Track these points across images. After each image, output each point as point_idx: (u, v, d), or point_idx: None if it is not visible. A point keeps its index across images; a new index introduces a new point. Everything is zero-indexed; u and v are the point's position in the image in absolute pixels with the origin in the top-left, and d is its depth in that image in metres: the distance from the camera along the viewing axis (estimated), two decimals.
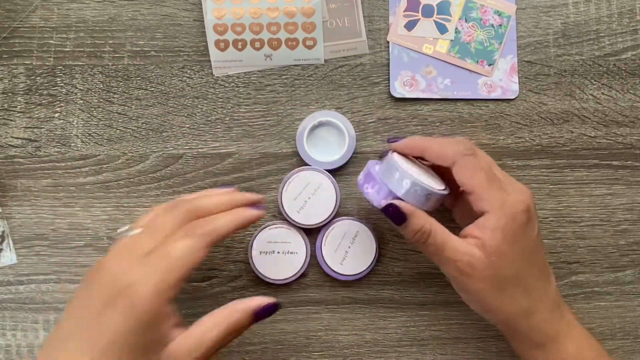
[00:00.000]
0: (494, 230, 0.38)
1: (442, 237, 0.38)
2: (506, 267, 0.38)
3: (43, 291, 0.50)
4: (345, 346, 0.50)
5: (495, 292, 0.39)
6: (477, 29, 0.52)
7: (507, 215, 0.38)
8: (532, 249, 0.40)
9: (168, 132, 0.51)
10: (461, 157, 0.40)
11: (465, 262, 0.38)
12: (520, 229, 0.39)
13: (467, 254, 0.38)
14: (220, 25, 0.51)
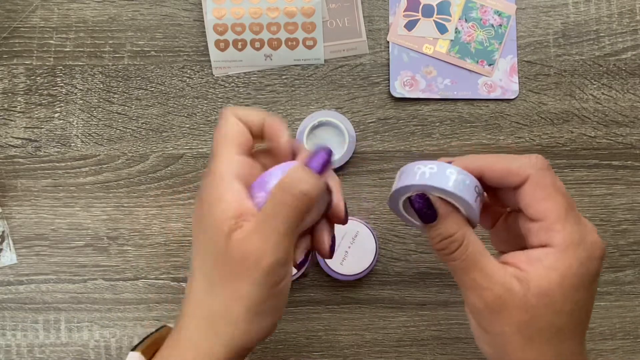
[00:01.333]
0: (549, 269, 0.29)
1: (475, 253, 0.31)
2: (547, 317, 0.30)
3: (43, 291, 0.50)
4: (345, 346, 0.50)
5: (521, 342, 0.30)
6: (477, 29, 0.52)
7: (579, 258, 0.30)
8: (587, 309, 0.31)
9: (168, 132, 0.51)
10: (537, 170, 0.31)
11: (495, 294, 0.30)
12: (588, 279, 0.30)
13: (502, 284, 0.30)
14: (220, 25, 0.51)
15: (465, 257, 0.30)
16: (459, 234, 0.31)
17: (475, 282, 0.30)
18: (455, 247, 0.31)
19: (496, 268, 0.30)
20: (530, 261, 0.30)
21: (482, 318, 0.31)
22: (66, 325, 0.49)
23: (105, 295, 0.49)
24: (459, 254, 0.31)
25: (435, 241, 0.31)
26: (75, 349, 0.49)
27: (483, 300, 0.30)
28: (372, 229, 0.48)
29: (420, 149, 0.51)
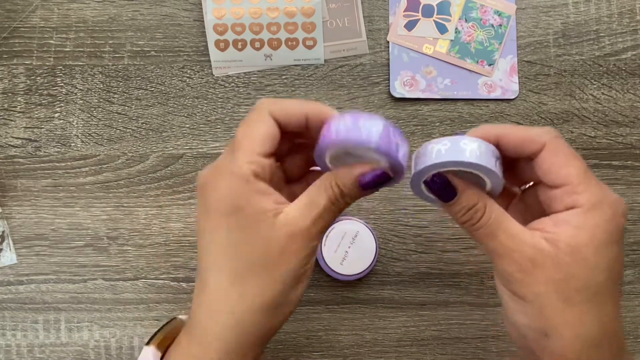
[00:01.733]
0: (578, 229, 0.29)
1: (499, 217, 0.30)
2: (583, 275, 0.29)
3: (43, 291, 0.50)
4: (345, 346, 0.50)
5: (559, 304, 0.29)
6: (477, 29, 0.52)
7: (605, 215, 0.29)
8: (619, 266, 0.31)
9: (168, 132, 0.51)
10: (553, 138, 0.31)
11: (526, 255, 0.29)
12: (616, 235, 0.30)
13: (531, 245, 0.29)
14: (220, 25, 0.51)
15: (490, 222, 0.30)
16: (480, 203, 0.31)
17: (504, 246, 0.30)
18: (480, 216, 0.30)
19: (523, 230, 0.30)
20: (557, 224, 0.30)
21: (515, 283, 0.30)
22: (66, 325, 0.49)
23: (105, 295, 0.49)
24: (484, 221, 0.30)
25: (460, 215, 0.31)
26: (75, 349, 0.49)
27: (514, 263, 0.30)
28: (372, 229, 0.48)
29: None
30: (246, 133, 0.31)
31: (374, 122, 0.30)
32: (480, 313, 0.50)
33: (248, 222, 0.30)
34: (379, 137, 0.29)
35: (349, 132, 0.30)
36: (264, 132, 0.31)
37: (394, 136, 0.30)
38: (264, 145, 0.31)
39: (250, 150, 0.30)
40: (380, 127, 0.30)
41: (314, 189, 0.32)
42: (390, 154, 0.30)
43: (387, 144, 0.30)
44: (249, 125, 0.31)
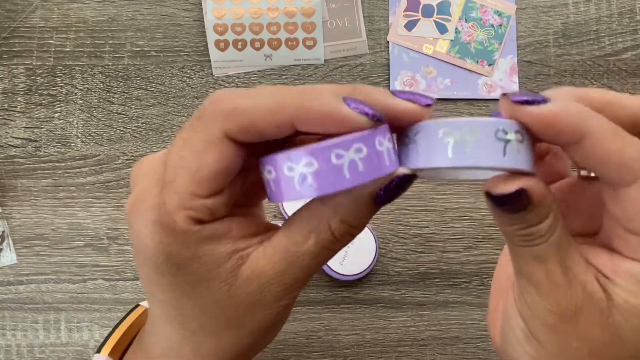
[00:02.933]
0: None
1: (559, 240, 0.22)
2: (632, 346, 0.22)
3: (43, 291, 0.50)
4: (345, 346, 0.50)
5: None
6: (477, 29, 0.52)
7: None
8: None
9: (168, 132, 0.51)
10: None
11: (571, 297, 0.22)
12: None
13: (583, 286, 0.22)
14: (220, 25, 0.51)
15: (550, 242, 0.22)
16: (549, 219, 0.21)
17: (549, 276, 0.22)
18: (540, 235, 0.22)
19: (579, 263, 0.22)
20: (617, 271, 0.22)
21: (541, 323, 0.23)
22: (66, 325, 0.49)
23: (105, 295, 0.49)
24: (541, 241, 0.22)
25: (513, 229, 0.22)
26: (75, 349, 0.49)
27: (553, 302, 0.22)
28: (372, 228, 0.48)
29: None
30: (183, 163, 0.20)
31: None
32: (480, 313, 0.50)
33: (194, 281, 0.22)
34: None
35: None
36: (210, 168, 0.20)
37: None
38: (211, 185, 0.21)
39: (186, 193, 0.20)
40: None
41: (297, 230, 0.22)
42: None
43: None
44: (189, 149, 0.20)
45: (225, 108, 0.20)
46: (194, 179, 0.20)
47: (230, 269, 0.22)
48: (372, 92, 0.21)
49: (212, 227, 0.21)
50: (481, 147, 0.19)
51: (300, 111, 0.20)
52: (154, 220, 0.21)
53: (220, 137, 0.20)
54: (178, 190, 0.20)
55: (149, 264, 0.22)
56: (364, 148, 0.19)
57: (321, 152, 0.19)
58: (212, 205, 0.21)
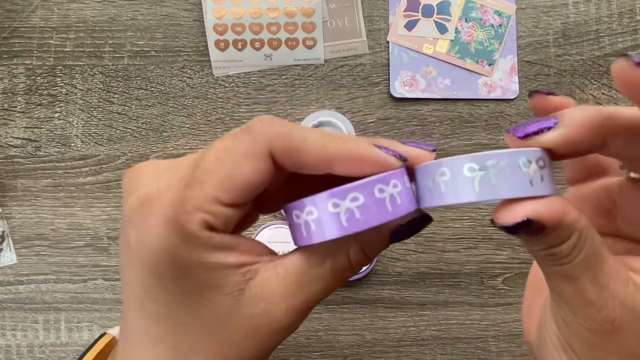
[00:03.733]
0: None
1: (591, 255, 0.20)
2: None
3: (43, 291, 0.50)
4: (345, 346, 0.50)
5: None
6: (477, 29, 0.52)
7: None
8: None
9: (168, 132, 0.51)
10: None
11: (608, 314, 0.20)
12: None
13: (622, 300, 0.20)
14: (220, 25, 0.51)
15: (577, 262, 0.20)
16: (571, 240, 0.20)
17: (581, 295, 0.20)
18: (563, 256, 0.20)
19: (615, 275, 0.20)
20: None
21: (577, 338, 0.21)
22: (66, 325, 0.49)
23: (105, 295, 0.49)
24: (569, 259, 0.20)
25: (535, 249, 0.21)
26: (75, 349, 0.49)
27: (587, 319, 0.20)
28: None
29: None
30: (218, 167, 0.20)
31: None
32: (480, 313, 0.50)
33: (196, 289, 0.21)
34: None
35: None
36: (244, 178, 0.20)
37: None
38: (237, 194, 0.20)
39: (210, 196, 0.20)
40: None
41: (314, 252, 0.22)
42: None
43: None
44: (229, 155, 0.20)
45: (277, 129, 0.21)
46: (224, 185, 0.20)
47: (238, 282, 0.21)
48: (388, 141, 0.22)
49: (222, 237, 0.21)
50: (508, 179, 0.20)
51: (343, 152, 0.21)
52: (167, 218, 0.20)
53: (264, 152, 0.20)
54: (204, 191, 0.20)
55: (148, 266, 0.21)
56: (399, 184, 0.21)
57: (366, 187, 0.20)
58: (229, 215, 0.21)
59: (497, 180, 0.20)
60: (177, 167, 0.22)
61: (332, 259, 0.22)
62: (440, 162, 0.21)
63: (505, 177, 0.20)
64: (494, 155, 0.20)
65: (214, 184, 0.20)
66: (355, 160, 0.21)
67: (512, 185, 0.20)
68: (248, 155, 0.20)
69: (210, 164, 0.20)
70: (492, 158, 0.20)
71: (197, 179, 0.20)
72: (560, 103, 0.22)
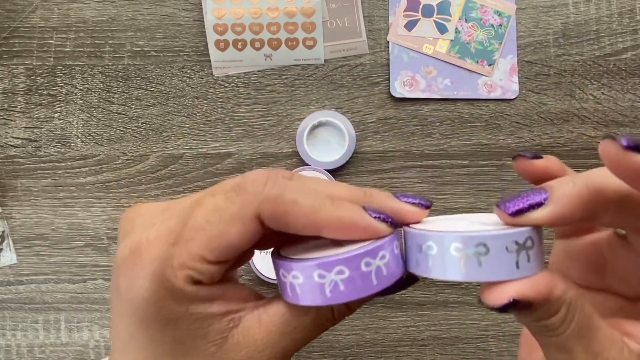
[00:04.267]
0: None
1: (582, 325, 0.20)
2: None
3: (43, 291, 0.50)
4: (345, 346, 0.50)
5: None
6: (477, 29, 0.52)
7: None
8: None
9: (168, 132, 0.51)
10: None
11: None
12: None
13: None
14: (220, 25, 0.51)
15: (569, 333, 0.20)
16: (560, 313, 0.20)
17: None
18: (554, 329, 0.20)
19: (610, 342, 0.20)
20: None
21: None
22: (66, 325, 0.49)
23: (105, 295, 0.49)
24: (561, 331, 0.20)
25: (526, 321, 0.21)
26: (75, 349, 0.49)
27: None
28: None
29: (420, 149, 0.51)
30: (206, 227, 0.21)
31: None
32: (480, 313, 0.50)
33: (181, 338, 0.21)
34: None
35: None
36: (230, 239, 0.21)
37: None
38: (222, 254, 0.21)
39: (197, 254, 0.21)
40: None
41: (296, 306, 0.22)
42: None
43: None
44: (217, 216, 0.21)
45: (268, 192, 0.21)
46: (210, 245, 0.21)
47: (221, 330, 0.21)
48: (380, 197, 0.22)
49: (208, 289, 0.21)
50: (494, 262, 0.20)
51: (332, 220, 0.21)
52: (154, 271, 0.21)
53: (252, 216, 0.21)
54: (190, 249, 0.21)
55: (135, 316, 0.21)
56: (387, 254, 0.21)
57: (352, 260, 0.20)
58: (215, 270, 0.21)
59: (484, 263, 0.20)
60: (170, 213, 0.22)
61: (316, 310, 0.22)
62: (427, 235, 0.21)
63: (492, 260, 0.20)
64: (481, 238, 0.20)
65: (200, 243, 0.20)
66: (345, 228, 0.21)
67: (498, 268, 0.20)
68: (236, 218, 0.21)
69: (199, 223, 0.21)
70: (479, 240, 0.20)
71: (184, 236, 0.21)
72: (545, 167, 0.22)
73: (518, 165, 0.23)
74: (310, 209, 0.21)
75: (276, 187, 0.21)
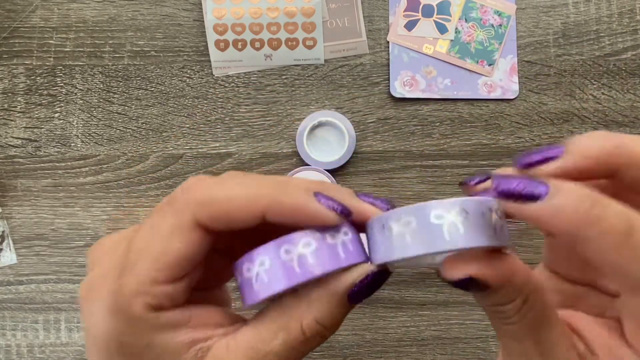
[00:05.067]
0: None
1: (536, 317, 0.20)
2: None
3: (43, 291, 0.50)
4: (345, 346, 0.50)
5: None
6: (477, 29, 0.52)
7: None
8: None
9: (168, 132, 0.51)
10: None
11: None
12: None
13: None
14: (220, 25, 0.51)
15: (522, 324, 0.20)
16: (517, 302, 0.20)
17: (525, 354, 0.20)
18: (509, 317, 0.20)
19: (560, 342, 0.20)
20: (610, 352, 0.20)
21: None
22: (66, 325, 0.49)
23: None
24: (514, 320, 0.20)
25: (485, 305, 0.21)
26: (75, 349, 0.49)
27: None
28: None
29: (420, 149, 0.51)
30: (147, 248, 0.20)
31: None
32: (480, 313, 0.50)
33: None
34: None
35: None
36: (175, 254, 0.20)
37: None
38: (173, 271, 0.20)
39: (146, 278, 0.19)
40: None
41: (265, 326, 0.21)
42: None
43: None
44: (155, 234, 0.20)
45: (198, 196, 0.20)
46: (156, 264, 0.19)
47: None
48: (340, 191, 0.21)
49: (170, 315, 0.20)
50: (473, 228, 0.19)
51: (273, 204, 0.19)
52: (109, 307, 0.20)
53: (190, 224, 0.20)
54: (138, 275, 0.19)
55: (100, 352, 0.20)
56: (349, 232, 0.20)
57: (270, 250, 0.20)
58: (173, 291, 0.20)
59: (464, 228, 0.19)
60: (117, 244, 0.21)
61: (284, 332, 0.21)
62: (402, 211, 0.20)
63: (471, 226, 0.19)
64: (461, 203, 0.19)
65: (146, 265, 0.19)
66: (288, 213, 0.20)
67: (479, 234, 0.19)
68: (174, 231, 0.20)
69: (139, 245, 0.20)
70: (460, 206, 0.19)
71: (129, 263, 0.20)
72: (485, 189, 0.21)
73: (465, 191, 0.22)
74: (247, 197, 0.19)
75: (206, 186, 0.20)
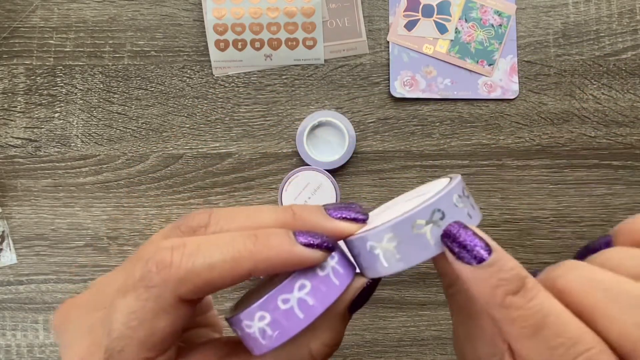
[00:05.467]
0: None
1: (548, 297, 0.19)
2: None
3: (43, 291, 0.50)
4: (345, 346, 0.50)
5: None
6: (477, 29, 0.52)
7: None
8: None
9: (168, 132, 0.51)
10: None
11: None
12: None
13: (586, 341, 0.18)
14: (220, 25, 0.51)
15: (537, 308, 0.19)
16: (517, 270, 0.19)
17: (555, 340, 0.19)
18: (518, 287, 0.19)
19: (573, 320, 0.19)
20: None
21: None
22: None
23: None
24: (526, 300, 0.19)
25: (490, 283, 0.19)
26: None
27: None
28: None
29: (420, 149, 0.51)
30: (132, 334, 0.19)
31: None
32: None
33: None
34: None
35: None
36: (162, 333, 0.19)
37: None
38: (161, 347, 0.20)
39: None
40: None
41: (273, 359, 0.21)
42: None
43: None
44: (139, 319, 0.19)
45: (176, 273, 0.19)
46: (145, 347, 0.19)
47: None
48: (312, 216, 0.21)
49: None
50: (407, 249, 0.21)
51: (259, 264, 0.19)
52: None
53: (172, 303, 0.19)
54: (128, 359, 0.19)
55: None
56: (307, 283, 0.20)
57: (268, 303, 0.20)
58: (164, 358, 0.20)
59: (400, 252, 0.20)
60: (93, 320, 0.21)
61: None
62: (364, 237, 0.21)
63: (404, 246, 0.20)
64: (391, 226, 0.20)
65: (134, 349, 0.19)
66: (276, 267, 0.19)
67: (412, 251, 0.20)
68: (158, 314, 0.19)
69: (122, 331, 0.19)
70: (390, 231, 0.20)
71: (114, 348, 0.19)
72: None
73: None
74: (229, 265, 0.19)
75: (184, 258, 0.19)
